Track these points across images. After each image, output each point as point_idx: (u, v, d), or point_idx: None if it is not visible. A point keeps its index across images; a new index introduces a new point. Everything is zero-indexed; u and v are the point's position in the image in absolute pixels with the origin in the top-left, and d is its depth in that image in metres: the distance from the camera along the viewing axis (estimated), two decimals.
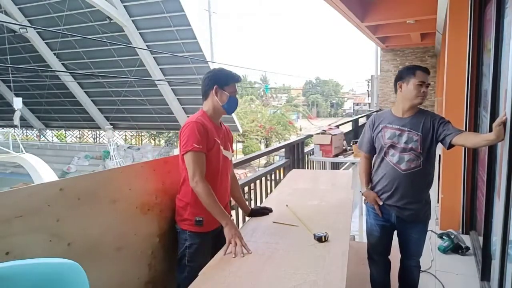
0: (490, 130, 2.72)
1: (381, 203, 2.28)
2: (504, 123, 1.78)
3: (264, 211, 2.27)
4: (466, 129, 3.57)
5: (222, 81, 1.99)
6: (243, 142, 25.42)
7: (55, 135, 26.24)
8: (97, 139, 23.64)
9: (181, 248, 1.99)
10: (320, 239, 1.80)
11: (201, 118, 1.96)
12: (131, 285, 1.85)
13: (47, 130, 24.86)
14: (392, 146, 2.20)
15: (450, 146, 2.08)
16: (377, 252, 2.42)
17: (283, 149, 4.32)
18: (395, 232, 2.39)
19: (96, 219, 1.65)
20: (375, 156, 2.36)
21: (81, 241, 1.56)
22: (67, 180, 1.57)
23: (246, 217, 2.36)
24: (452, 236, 3.41)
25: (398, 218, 2.25)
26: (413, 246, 2.32)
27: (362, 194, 2.42)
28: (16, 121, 15.29)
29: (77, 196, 1.56)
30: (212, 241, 2.03)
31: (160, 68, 16.47)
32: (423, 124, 2.15)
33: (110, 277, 1.71)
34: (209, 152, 1.95)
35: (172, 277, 2.05)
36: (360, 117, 9.40)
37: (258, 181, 3.39)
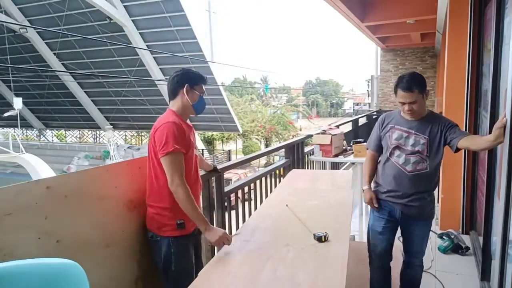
0: (491, 131, 2.73)
1: (376, 205, 2.33)
2: (504, 125, 1.78)
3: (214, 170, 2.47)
4: (466, 129, 3.57)
5: (193, 80, 1.98)
6: (243, 142, 25.43)
7: (55, 135, 26.23)
8: (97, 139, 23.63)
9: (164, 257, 1.89)
10: (320, 239, 1.80)
11: (175, 117, 1.90)
12: (120, 281, 1.87)
13: (47, 130, 24.85)
14: (398, 147, 2.23)
15: (457, 149, 2.10)
16: (377, 252, 2.37)
17: (283, 149, 4.32)
18: (396, 235, 2.39)
19: (84, 216, 1.68)
20: (381, 155, 2.37)
21: (69, 238, 1.58)
22: (54, 179, 1.59)
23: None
24: (452, 236, 3.41)
25: (402, 214, 2.28)
26: (417, 244, 2.33)
27: (363, 191, 2.45)
28: (6, 114, 15.23)
29: (64, 194, 1.58)
30: (193, 242, 2.01)
31: (160, 68, 16.47)
32: (431, 128, 2.16)
33: (100, 273, 1.73)
34: (188, 152, 1.91)
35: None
36: (360, 117, 9.40)
37: (258, 181, 3.39)
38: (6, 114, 15.24)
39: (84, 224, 1.67)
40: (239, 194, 3.05)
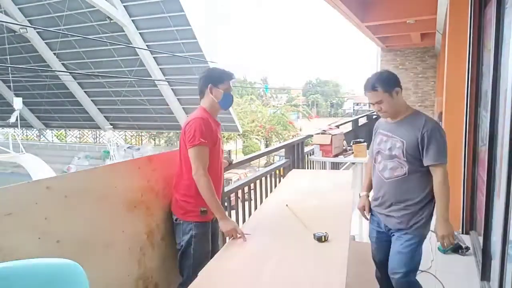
0: (491, 130, 2.73)
1: (367, 215, 2.28)
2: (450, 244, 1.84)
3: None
4: (466, 129, 3.58)
5: (216, 79, 2.12)
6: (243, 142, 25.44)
7: (55, 135, 26.24)
8: (97, 139, 23.64)
9: (185, 238, 2.07)
10: (320, 239, 1.80)
11: (204, 114, 2.08)
12: (121, 281, 1.87)
13: (47, 130, 24.86)
14: (379, 152, 2.12)
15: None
16: (378, 262, 2.30)
17: (283, 149, 4.32)
18: None
19: (84, 216, 1.68)
20: None
21: (69, 238, 1.58)
22: (54, 179, 1.59)
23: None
24: None
25: (385, 225, 2.15)
26: (392, 259, 2.08)
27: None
28: (13, 119, 15.24)
29: (64, 194, 1.58)
30: (211, 228, 2.18)
31: (160, 68, 16.47)
32: (409, 130, 1.99)
33: (100, 274, 1.73)
34: (214, 147, 2.07)
35: (163, 273, 2.08)
36: (360, 117, 9.39)
37: (258, 181, 3.39)
38: (11, 120, 15.23)
39: (84, 224, 1.67)
40: (239, 194, 3.05)
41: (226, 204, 2.75)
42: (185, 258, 2.09)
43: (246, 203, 3.21)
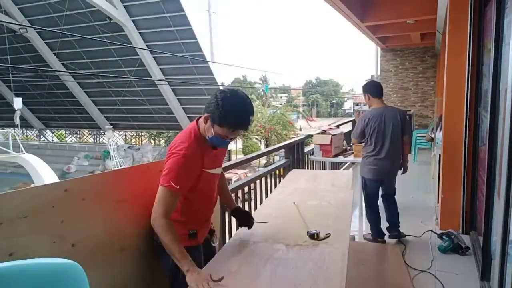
0: (491, 130, 2.73)
1: None
2: None
3: (248, 221, 2.06)
4: (466, 129, 3.59)
5: (216, 118, 1.67)
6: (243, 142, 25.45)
7: (55, 135, 26.23)
8: (97, 139, 23.64)
9: (172, 266, 1.74)
10: (312, 236, 1.81)
11: (193, 144, 1.73)
12: (134, 286, 1.84)
13: (47, 130, 24.86)
14: None
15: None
16: None
17: (283, 149, 4.32)
18: None
19: (101, 219, 1.64)
20: None
21: (85, 242, 1.55)
22: (72, 181, 1.56)
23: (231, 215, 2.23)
24: (452, 236, 3.41)
25: None
26: None
27: None
28: (17, 121, 15.29)
29: (82, 197, 1.55)
30: (204, 249, 1.95)
31: (160, 68, 16.48)
32: None
33: (114, 278, 1.70)
34: (196, 182, 1.78)
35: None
36: None
37: (258, 181, 3.39)
38: (16, 122, 15.26)
39: (100, 228, 1.63)
40: (239, 194, 3.05)
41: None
42: (174, 285, 1.81)
43: (246, 203, 3.21)
